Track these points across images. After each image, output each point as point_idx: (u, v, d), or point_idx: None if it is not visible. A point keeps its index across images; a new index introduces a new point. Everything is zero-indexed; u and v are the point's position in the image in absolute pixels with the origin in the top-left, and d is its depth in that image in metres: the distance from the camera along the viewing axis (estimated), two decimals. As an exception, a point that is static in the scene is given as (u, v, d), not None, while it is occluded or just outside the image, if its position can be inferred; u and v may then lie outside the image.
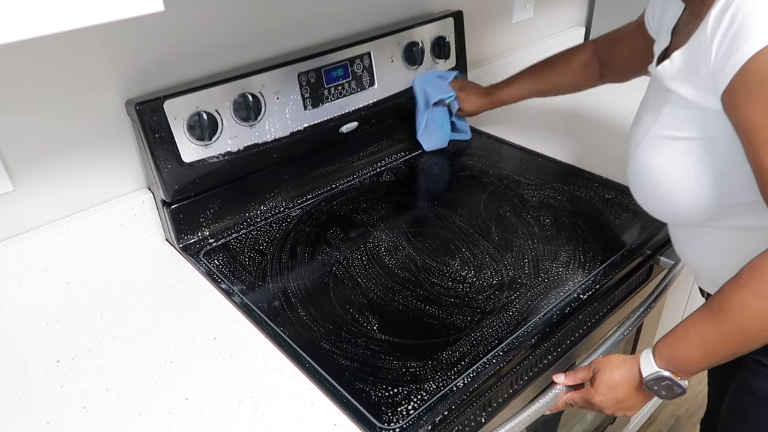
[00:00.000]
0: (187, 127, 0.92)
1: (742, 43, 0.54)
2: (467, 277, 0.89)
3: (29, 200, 0.88)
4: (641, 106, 0.79)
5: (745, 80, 0.55)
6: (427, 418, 0.68)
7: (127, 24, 0.86)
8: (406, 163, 1.23)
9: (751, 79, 0.54)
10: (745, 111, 0.56)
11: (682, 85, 0.66)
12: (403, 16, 1.21)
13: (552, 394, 0.79)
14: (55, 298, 0.90)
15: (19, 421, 0.71)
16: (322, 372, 0.74)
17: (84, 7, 0.47)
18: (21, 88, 0.82)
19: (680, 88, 0.66)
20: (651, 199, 0.76)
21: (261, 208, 1.06)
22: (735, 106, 0.57)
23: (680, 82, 0.66)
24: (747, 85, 0.55)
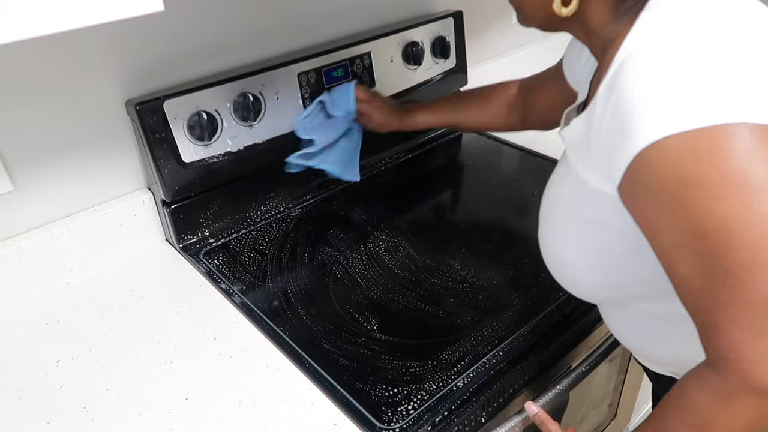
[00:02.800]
0: (187, 127, 0.92)
1: (628, 137, 0.46)
2: (467, 277, 0.89)
3: (29, 200, 0.88)
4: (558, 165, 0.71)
5: (636, 179, 0.48)
6: (427, 418, 0.68)
7: (127, 24, 0.86)
8: (406, 163, 1.23)
9: (641, 180, 0.47)
10: (642, 212, 0.49)
11: (581, 161, 0.58)
12: (403, 16, 1.21)
13: (552, 394, 0.79)
14: (55, 298, 0.90)
15: (19, 421, 0.71)
16: (322, 372, 0.74)
17: (84, 7, 0.47)
18: (21, 88, 0.82)
19: (579, 164, 0.59)
20: (557, 273, 0.70)
21: (261, 208, 1.06)
22: (631, 205, 0.50)
23: (579, 157, 0.59)
24: (638, 185, 0.48)
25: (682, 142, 0.43)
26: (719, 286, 0.45)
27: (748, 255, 0.43)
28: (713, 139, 0.43)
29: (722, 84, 0.44)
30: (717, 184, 0.43)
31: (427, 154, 1.26)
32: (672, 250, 0.47)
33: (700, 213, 0.44)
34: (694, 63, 0.45)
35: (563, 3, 0.55)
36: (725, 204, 0.43)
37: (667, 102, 0.44)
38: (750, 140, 0.42)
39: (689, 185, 0.44)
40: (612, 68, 0.50)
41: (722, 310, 0.45)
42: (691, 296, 0.48)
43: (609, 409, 1.18)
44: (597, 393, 1.07)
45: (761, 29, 0.49)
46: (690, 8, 0.49)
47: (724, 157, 0.43)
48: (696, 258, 0.46)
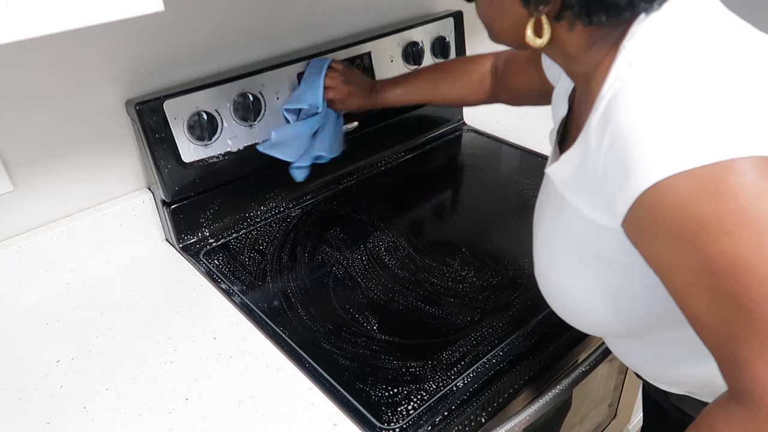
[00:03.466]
0: (187, 127, 0.92)
1: (630, 175, 0.45)
2: (467, 277, 0.89)
3: (29, 200, 0.88)
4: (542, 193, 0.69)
5: (642, 218, 0.46)
6: (427, 418, 0.68)
7: (127, 24, 0.86)
8: (406, 163, 1.23)
9: (648, 219, 0.46)
10: (651, 250, 0.48)
11: (578, 195, 0.56)
12: (403, 16, 1.21)
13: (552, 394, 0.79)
14: (55, 298, 0.90)
15: (19, 421, 0.71)
16: (322, 372, 0.74)
17: (84, 7, 0.47)
18: (21, 88, 0.82)
19: (575, 199, 0.57)
20: (561, 311, 0.68)
21: (261, 208, 1.06)
22: (639, 243, 0.49)
23: (574, 192, 0.57)
24: (645, 224, 0.47)
25: (686, 181, 0.43)
26: (736, 322, 0.44)
27: (762, 290, 0.42)
28: (717, 177, 0.42)
29: (720, 118, 0.43)
30: (725, 222, 0.42)
31: (427, 154, 1.26)
32: (684, 287, 0.47)
33: (711, 251, 0.43)
34: (688, 97, 0.44)
35: (536, 34, 0.53)
36: (735, 241, 0.42)
37: (666, 139, 0.43)
38: (754, 175, 0.42)
39: (697, 224, 0.43)
40: (601, 102, 0.49)
41: (741, 345, 0.44)
42: (708, 332, 0.47)
43: (609, 409, 1.18)
44: (597, 393, 1.07)
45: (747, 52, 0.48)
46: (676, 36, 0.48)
47: (730, 195, 0.42)
48: (710, 295, 0.45)
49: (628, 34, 0.50)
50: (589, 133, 0.51)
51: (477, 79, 0.97)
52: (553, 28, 0.52)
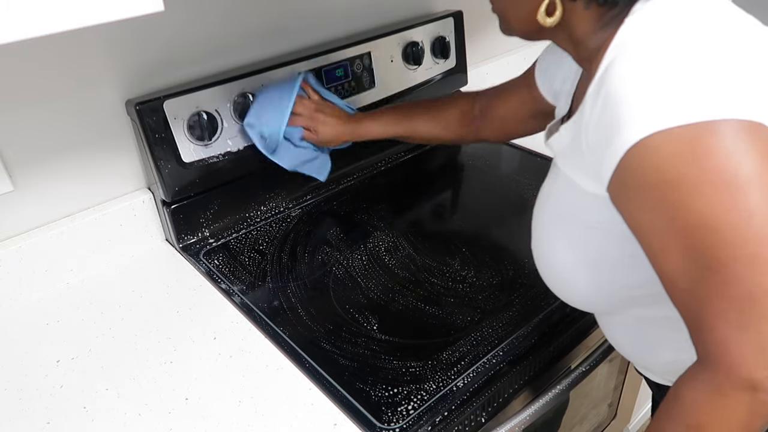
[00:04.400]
0: (187, 127, 0.92)
1: (616, 135, 0.47)
2: (467, 277, 0.89)
3: (29, 200, 0.88)
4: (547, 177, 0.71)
5: (624, 178, 0.48)
6: (427, 418, 0.68)
7: (127, 24, 0.86)
8: (406, 163, 1.23)
9: (629, 178, 0.47)
10: (631, 211, 0.49)
11: (570, 166, 0.59)
12: (403, 16, 1.21)
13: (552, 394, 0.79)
14: (55, 298, 0.90)
15: (19, 421, 0.71)
16: (322, 372, 0.74)
17: (84, 7, 0.47)
18: (21, 88, 0.82)
19: (569, 168, 0.59)
20: (552, 283, 0.70)
21: (261, 208, 1.06)
22: (621, 205, 0.50)
23: (568, 162, 0.59)
24: (626, 183, 0.48)
25: (666, 140, 0.44)
26: (703, 282, 0.45)
27: (729, 251, 0.43)
28: (697, 137, 0.43)
29: (707, 81, 0.44)
30: (699, 181, 0.43)
31: (427, 154, 1.26)
32: (659, 248, 0.48)
33: (684, 210, 0.45)
34: (678, 61, 0.45)
35: (547, 13, 0.55)
36: (707, 201, 0.43)
37: (653, 99, 0.45)
38: (733, 137, 0.43)
39: (673, 183, 0.44)
40: (599, 70, 0.51)
41: (707, 306, 0.46)
42: (679, 294, 0.48)
43: (609, 409, 1.18)
44: (597, 393, 1.07)
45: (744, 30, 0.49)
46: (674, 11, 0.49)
47: (706, 155, 0.43)
48: (681, 255, 0.46)
49: (631, 11, 0.51)
50: (585, 103, 0.52)
51: (457, 117, 0.95)
52: (564, 11, 0.54)
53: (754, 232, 0.43)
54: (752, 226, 0.43)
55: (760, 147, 0.43)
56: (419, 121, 0.97)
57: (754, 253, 0.43)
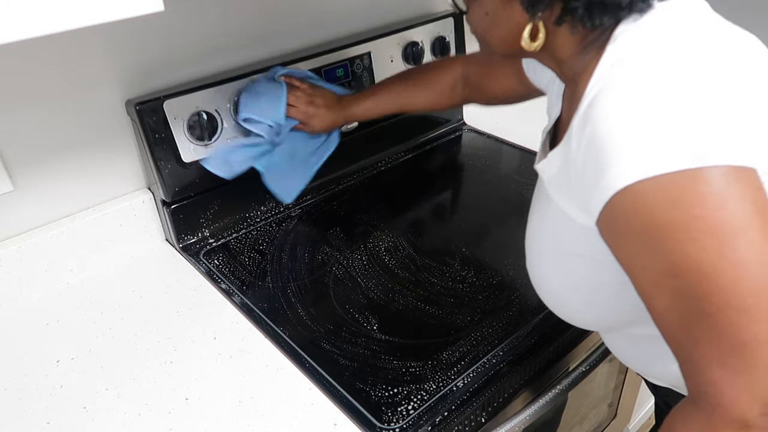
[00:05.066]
0: (187, 127, 0.92)
1: (602, 177, 0.46)
2: (467, 277, 0.89)
3: (29, 200, 0.88)
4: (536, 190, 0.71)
5: (612, 219, 0.48)
6: (427, 418, 0.68)
7: (127, 24, 0.85)
8: (406, 163, 1.23)
9: (618, 220, 0.47)
10: (620, 250, 0.49)
11: (560, 194, 0.58)
12: (403, 16, 1.21)
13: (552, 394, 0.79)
14: (55, 298, 0.90)
15: (19, 421, 0.71)
16: (322, 372, 0.74)
17: (84, 7, 0.47)
18: (21, 88, 0.82)
19: (558, 196, 0.59)
20: (550, 304, 0.70)
21: (261, 208, 1.06)
22: (610, 242, 0.50)
23: (558, 190, 0.59)
24: (615, 224, 0.48)
25: (654, 187, 0.43)
26: (695, 324, 0.45)
27: (721, 297, 0.43)
28: (685, 185, 0.43)
29: (694, 125, 0.43)
30: (690, 228, 0.43)
31: (427, 154, 1.26)
32: (650, 287, 0.48)
33: (675, 256, 0.44)
34: (665, 102, 0.44)
35: (531, 37, 0.54)
36: (699, 248, 0.43)
37: (640, 145, 0.44)
38: (723, 184, 0.42)
39: (664, 229, 0.44)
40: (584, 102, 0.50)
41: (700, 347, 0.45)
42: (669, 331, 0.48)
43: (609, 409, 1.18)
44: (597, 393, 1.07)
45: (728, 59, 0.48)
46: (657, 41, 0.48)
47: (696, 202, 0.43)
48: (672, 296, 0.46)
49: (612, 38, 0.50)
50: (571, 133, 0.51)
51: (449, 86, 0.95)
52: (547, 34, 0.54)
53: (747, 282, 0.42)
54: (745, 276, 0.42)
55: (749, 194, 0.43)
56: (410, 95, 0.96)
57: (747, 302, 0.43)
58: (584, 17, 0.50)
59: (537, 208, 0.67)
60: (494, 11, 0.55)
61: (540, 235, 0.66)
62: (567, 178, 0.54)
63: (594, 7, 0.49)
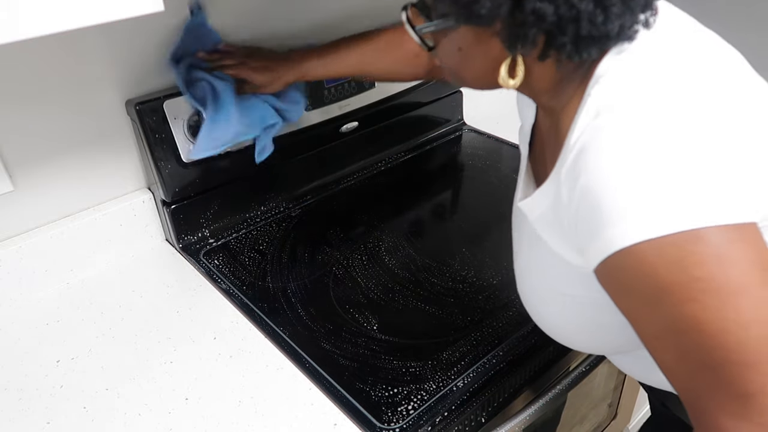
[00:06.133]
0: (187, 127, 0.92)
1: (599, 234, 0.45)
2: (467, 277, 0.89)
3: (29, 200, 0.88)
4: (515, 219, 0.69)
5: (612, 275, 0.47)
6: (427, 418, 0.68)
7: (127, 24, 0.86)
8: (406, 163, 1.23)
9: (618, 276, 0.47)
10: (621, 302, 0.49)
11: (551, 235, 0.56)
12: (403, 16, 1.21)
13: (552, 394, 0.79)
14: (55, 298, 0.90)
15: (19, 421, 0.71)
16: (322, 372, 0.74)
17: (84, 7, 0.47)
18: (21, 88, 0.82)
19: (549, 238, 0.57)
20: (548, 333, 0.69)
21: (261, 208, 1.06)
22: (610, 292, 0.49)
23: (549, 231, 0.57)
24: (615, 280, 0.47)
25: (653, 249, 0.43)
26: (701, 376, 0.45)
27: (724, 354, 0.43)
28: (684, 246, 0.42)
29: (687, 184, 0.43)
30: (691, 289, 0.43)
31: (427, 154, 1.26)
32: (652, 339, 0.47)
33: (677, 314, 0.44)
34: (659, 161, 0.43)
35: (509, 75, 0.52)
36: (700, 308, 0.43)
37: (637, 206, 0.43)
38: (721, 244, 0.42)
39: (664, 290, 0.44)
40: (569, 152, 0.48)
41: (707, 397, 0.45)
42: (674, 379, 0.48)
43: (609, 409, 1.18)
44: (597, 393, 1.07)
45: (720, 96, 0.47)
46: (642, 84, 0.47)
47: (697, 264, 0.42)
48: (675, 351, 0.46)
49: (593, 78, 0.49)
50: (560, 182, 0.50)
51: (413, 52, 0.86)
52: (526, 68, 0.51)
53: (752, 341, 0.42)
54: (750, 335, 0.42)
55: (750, 251, 0.43)
56: (372, 57, 0.88)
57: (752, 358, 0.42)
58: (572, 52, 0.47)
59: (524, 241, 0.65)
60: (468, 47, 0.52)
61: (532, 272, 0.64)
62: (557, 221, 0.53)
63: (581, 41, 0.46)
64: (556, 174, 0.52)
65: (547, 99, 0.55)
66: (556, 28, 0.46)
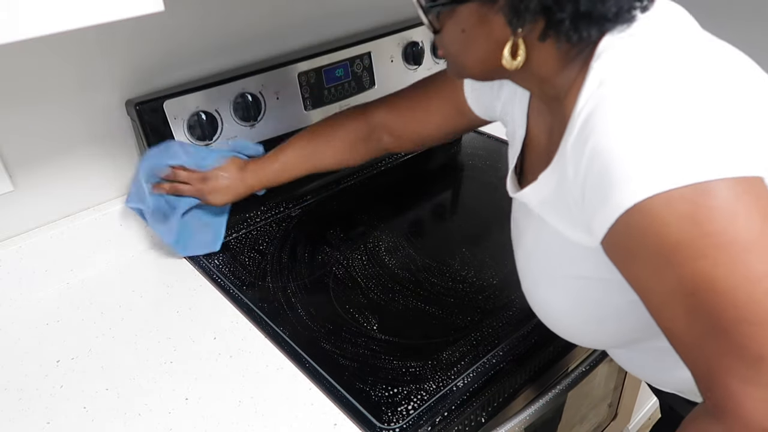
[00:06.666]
0: (187, 127, 0.92)
1: (608, 196, 0.45)
2: (467, 277, 0.89)
3: (29, 200, 0.88)
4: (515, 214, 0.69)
5: (620, 238, 0.47)
6: (427, 418, 0.68)
7: (128, 24, 0.86)
8: (406, 163, 1.23)
9: (626, 239, 0.46)
10: (629, 269, 0.48)
11: (555, 216, 0.57)
12: (403, 16, 1.21)
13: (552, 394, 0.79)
14: (55, 298, 0.90)
15: (19, 421, 0.71)
16: (322, 372, 0.74)
17: (84, 7, 0.47)
18: (21, 88, 0.82)
19: (553, 219, 0.57)
20: (552, 327, 0.69)
21: (261, 208, 1.06)
22: (617, 261, 0.49)
23: (552, 212, 0.57)
24: (623, 244, 0.47)
25: (663, 204, 0.43)
26: (711, 340, 0.45)
27: (736, 313, 0.42)
28: (693, 200, 0.42)
29: (700, 137, 0.43)
30: (701, 244, 0.42)
31: (427, 154, 1.26)
32: (662, 306, 0.47)
33: (687, 273, 0.44)
34: (663, 117, 0.44)
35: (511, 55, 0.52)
36: (711, 264, 0.42)
37: (647, 160, 0.43)
38: (732, 198, 0.42)
39: (674, 246, 0.43)
40: (575, 123, 0.48)
41: (716, 361, 0.45)
42: (683, 348, 0.48)
43: (609, 409, 1.18)
44: (597, 393, 1.07)
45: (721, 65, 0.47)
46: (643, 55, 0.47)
47: (706, 218, 0.42)
48: (685, 313, 0.45)
49: (595, 55, 0.49)
50: (565, 155, 0.50)
51: (359, 137, 0.89)
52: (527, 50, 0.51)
53: (762, 296, 0.42)
54: (760, 290, 0.42)
55: (758, 205, 0.42)
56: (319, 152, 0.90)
57: (763, 316, 0.42)
58: (570, 30, 0.48)
59: (525, 233, 0.66)
60: (471, 28, 0.53)
61: (535, 260, 0.65)
62: (563, 200, 0.53)
63: (580, 20, 0.47)
64: (561, 153, 0.52)
65: (550, 87, 0.55)
66: (555, 3, 0.46)
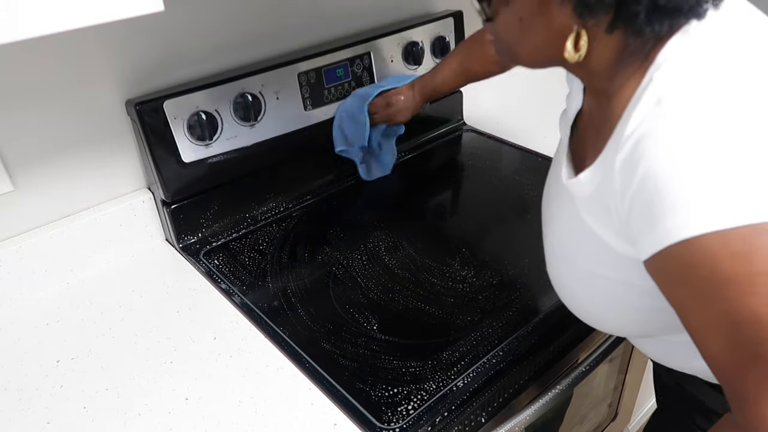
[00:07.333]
0: (187, 127, 0.92)
1: (659, 223, 0.44)
2: (467, 277, 0.89)
3: (29, 200, 0.88)
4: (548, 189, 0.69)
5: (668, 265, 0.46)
6: (427, 418, 0.68)
7: (127, 24, 0.86)
8: (406, 163, 1.23)
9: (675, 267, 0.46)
10: (672, 291, 0.48)
11: (595, 220, 0.56)
12: (403, 16, 1.21)
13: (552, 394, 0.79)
14: (55, 298, 0.90)
15: (19, 421, 0.71)
16: (322, 372, 0.74)
17: (84, 7, 0.47)
18: (21, 88, 0.82)
19: (593, 222, 0.56)
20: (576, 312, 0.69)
21: (261, 208, 1.06)
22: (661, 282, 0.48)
23: (591, 213, 0.56)
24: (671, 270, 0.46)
25: (718, 241, 0.42)
26: (748, 366, 0.45)
27: None
28: (749, 239, 0.42)
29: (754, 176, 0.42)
30: (753, 283, 0.42)
31: (427, 154, 1.26)
32: (701, 328, 0.47)
33: (734, 307, 0.43)
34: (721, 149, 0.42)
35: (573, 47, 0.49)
36: (760, 301, 0.42)
37: (700, 196, 0.42)
38: None
39: (725, 282, 0.43)
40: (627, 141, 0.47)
41: (752, 385, 0.45)
42: (719, 369, 0.48)
43: (609, 409, 1.18)
44: (597, 393, 1.07)
45: None
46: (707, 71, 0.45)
47: (760, 258, 0.42)
48: (726, 340, 0.45)
49: (656, 63, 0.47)
50: (613, 169, 0.49)
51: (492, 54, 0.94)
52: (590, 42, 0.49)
53: None
54: None
55: None
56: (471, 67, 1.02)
57: None
58: (643, 23, 0.45)
59: (559, 218, 0.64)
60: (529, 17, 0.50)
61: (566, 250, 0.64)
62: (604, 207, 0.52)
63: (654, 12, 0.45)
64: (606, 160, 0.51)
65: (600, 80, 0.53)
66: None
